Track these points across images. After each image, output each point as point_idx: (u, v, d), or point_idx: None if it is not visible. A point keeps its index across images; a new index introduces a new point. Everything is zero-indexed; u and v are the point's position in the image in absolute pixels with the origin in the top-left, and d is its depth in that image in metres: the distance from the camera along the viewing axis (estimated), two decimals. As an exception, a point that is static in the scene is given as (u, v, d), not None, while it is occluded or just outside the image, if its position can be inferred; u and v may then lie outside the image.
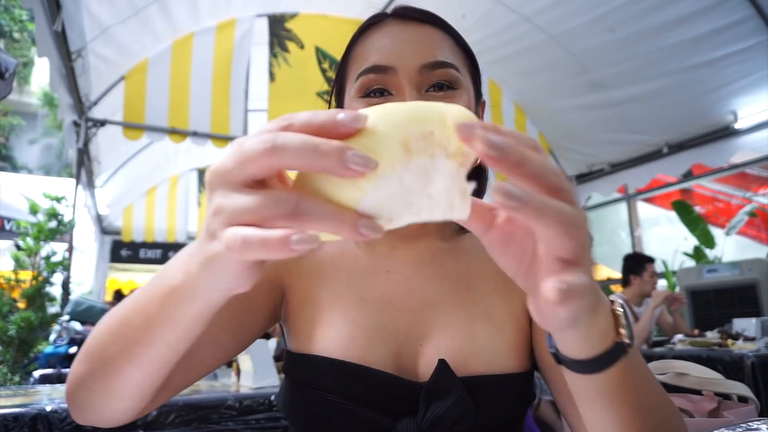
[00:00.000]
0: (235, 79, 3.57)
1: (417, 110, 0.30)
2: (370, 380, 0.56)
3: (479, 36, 3.48)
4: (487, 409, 0.56)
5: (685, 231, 4.79)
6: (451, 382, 0.55)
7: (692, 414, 1.04)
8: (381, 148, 0.28)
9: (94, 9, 2.85)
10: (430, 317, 0.61)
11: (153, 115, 3.39)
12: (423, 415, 0.54)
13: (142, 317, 0.38)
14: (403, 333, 0.60)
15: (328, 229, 0.28)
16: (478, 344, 0.59)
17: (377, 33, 0.63)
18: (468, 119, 0.29)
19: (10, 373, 2.39)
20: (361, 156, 0.27)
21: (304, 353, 0.60)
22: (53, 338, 3.14)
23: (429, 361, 0.58)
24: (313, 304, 0.63)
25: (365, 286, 0.63)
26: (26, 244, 2.73)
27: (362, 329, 0.59)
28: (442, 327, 0.60)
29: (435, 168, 0.29)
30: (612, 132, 3.90)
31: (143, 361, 0.40)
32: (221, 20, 3.53)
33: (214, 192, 0.30)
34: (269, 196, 0.28)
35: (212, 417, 1.33)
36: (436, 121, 0.30)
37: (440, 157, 0.29)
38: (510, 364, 0.59)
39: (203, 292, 0.33)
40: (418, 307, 0.62)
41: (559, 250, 0.30)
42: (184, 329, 0.37)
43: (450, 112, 0.30)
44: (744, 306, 3.16)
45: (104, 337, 0.42)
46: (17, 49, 14.31)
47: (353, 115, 0.28)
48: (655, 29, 3.02)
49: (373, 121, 0.29)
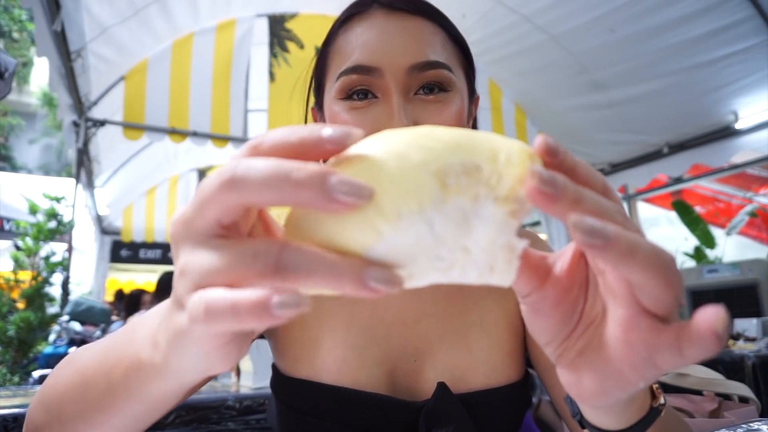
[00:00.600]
0: (235, 79, 3.57)
1: (462, 138, 0.23)
2: (365, 405, 0.53)
3: (479, 36, 3.47)
4: (488, 424, 0.55)
5: (685, 231, 4.79)
6: (451, 406, 0.52)
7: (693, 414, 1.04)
8: (407, 179, 0.21)
9: (94, 9, 2.85)
10: (423, 330, 0.58)
11: (153, 115, 3.38)
12: None
13: (106, 383, 0.33)
14: (397, 350, 0.57)
15: (323, 285, 0.21)
16: (475, 357, 0.57)
17: (361, 25, 0.55)
18: (529, 157, 0.23)
19: (9, 373, 2.38)
20: (351, 183, 0.20)
21: (295, 377, 0.57)
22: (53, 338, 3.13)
23: (425, 379, 0.56)
24: (302, 322, 0.58)
25: (354, 303, 0.59)
26: (26, 245, 2.73)
27: (354, 349, 0.56)
28: (437, 340, 0.58)
29: (477, 214, 0.23)
30: (612, 132, 3.89)
31: (105, 429, 0.34)
32: (221, 20, 3.53)
33: (178, 248, 0.24)
34: (242, 247, 0.22)
35: (212, 417, 1.32)
36: (486, 155, 0.23)
37: (486, 201, 0.23)
38: (508, 374, 0.57)
39: (174, 373, 0.27)
40: (410, 321, 0.59)
41: (653, 302, 0.23)
42: (153, 404, 0.32)
43: (505, 146, 0.24)
44: (745, 306, 3.16)
45: (64, 390, 0.37)
46: (16, 49, 14.31)
47: (344, 131, 0.22)
48: (655, 29, 3.01)
49: (400, 146, 0.23)
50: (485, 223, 0.23)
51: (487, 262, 0.24)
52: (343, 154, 0.24)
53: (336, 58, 0.56)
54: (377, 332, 0.58)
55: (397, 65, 0.52)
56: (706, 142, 3.50)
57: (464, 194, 0.22)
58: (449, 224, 0.22)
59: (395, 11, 0.55)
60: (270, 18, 3.66)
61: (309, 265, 0.21)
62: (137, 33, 3.21)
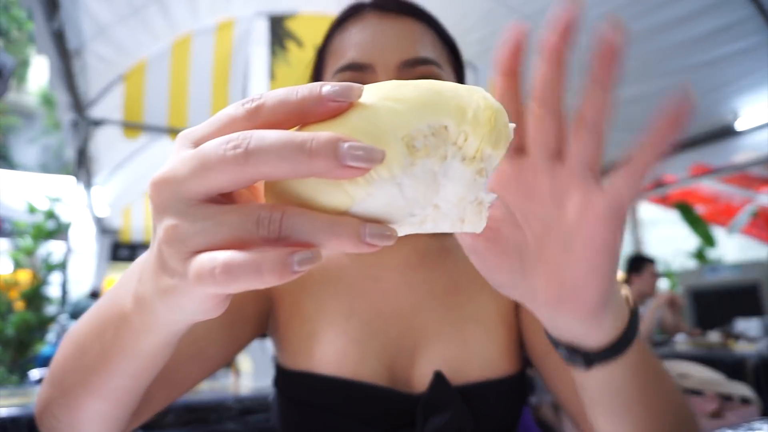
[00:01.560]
0: (234, 78, 3.57)
1: (429, 95, 0.23)
2: (365, 396, 0.55)
3: (480, 35, 3.47)
4: (485, 416, 0.56)
5: (686, 231, 4.79)
6: (448, 395, 0.54)
7: (695, 415, 1.03)
8: (375, 144, 0.22)
9: (93, 8, 2.84)
10: (421, 324, 0.60)
11: (152, 114, 3.39)
12: (422, 429, 0.53)
13: (99, 346, 0.33)
14: (395, 343, 0.59)
15: (324, 246, 0.22)
16: (471, 349, 0.58)
17: (356, 26, 0.60)
18: (496, 109, 0.24)
19: (8, 372, 2.38)
20: (362, 148, 0.21)
21: (296, 370, 0.58)
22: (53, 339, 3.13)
23: (423, 372, 0.57)
24: (302, 316, 0.60)
25: (353, 296, 0.61)
26: (25, 245, 2.72)
27: (353, 342, 0.57)
28: (435, 334, 0.59)
29: (446, 174, 0.24)
30: (612, 132, 3.89)
31: (104, 392, 0.35)
32: (220, 19, 3.53)
33: (165, 210, 0.23)
34: (244, 214, 0.21)
35: (211, 417, 1.32)
36: (453, 112, 0.23)
37: (453, 161, 0.23)
38: (503, 367, 0.59)
39: (163, 325, 0.28)
40: (408, 315, 0.60)
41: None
42: (146, 360, 0.32)
43: (472, 101, 0.24)
44: (746, 306, 3.16)
45: (63, 362, 0.38)
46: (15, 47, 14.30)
47: (344, 87, 0.22)
48: (655, 29, 3.01)
49: (369, 111, 0.22)
50: (454, 182, 0.24)
51: (457, 215, 0.25)
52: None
53: (332, 57, 0.60)
54: (376, 325, 0.59)
55: (388, 62, 0.56)
56: (706, 141, 3.50)
57: (432, 155, 0.23)
58: (419, 185, 0.23)
59: (387, 13, 0.60)
60: (270, 17, 3.66)
61: (311, 228, 0.21)
62: (136, 32, 3.21)
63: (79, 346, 0.36)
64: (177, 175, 0.23)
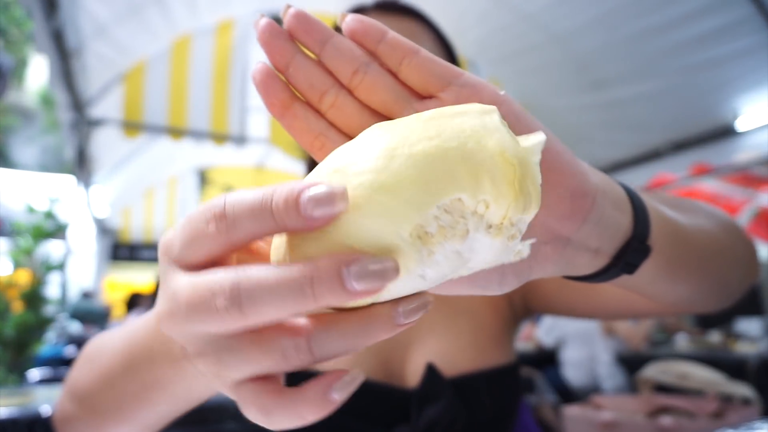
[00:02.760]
0: (234, 78, 3.57)
1: (429, 165, 0.19)
2: (361, 392, 0.55)
3: (479, 34, 3.47)
4: (478, 406, 0.57)
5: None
6: (440, 386, 0.55)
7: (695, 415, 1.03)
8: (383, 253, 0.19)
9: (93, 7, 2.84)
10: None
11: (152, 113, 3.39)
12: (416, 422, 0.54)
13: (139, 385, 0.36)
14: (391, 339, 0.59)
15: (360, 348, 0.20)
16: (463, 341, 0.59)
17: None
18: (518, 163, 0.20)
19: (7, 372, 2.38)
20: (370, 268, 0.18)
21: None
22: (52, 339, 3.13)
23: (418, 366, 0.58)
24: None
25: None
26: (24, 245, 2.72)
27: None
28: (428, 327, 0.60)
29: (471, 249, 0.20)
30: (612, 131, 3.89)
31: (139, 422, 0.38)
32: (220, 19, 3.53)
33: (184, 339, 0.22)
34: (265, 350, 0.20)
35: (211, 417, 1.32)
36: (464, 183, 0.19)
37: (477, 234, 0.20)
38: (495, 357, 0.60)
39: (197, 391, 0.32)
40: None
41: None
42: (193, 402, 0.36)
43: (484, 157, 0.19)
44: (747, 307, 3.16)
45: (89, 386, 0.40)
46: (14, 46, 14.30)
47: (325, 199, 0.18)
48: (655, 28, 3.01)
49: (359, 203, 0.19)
50: (484, 252, 0.21)
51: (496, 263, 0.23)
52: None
53: None
54: None
55: None
56: (707, 141, 3.50)
57: (450, 236, 0.19)
58: (443, 268, 0.20)
59: (388, 12, 0.63)
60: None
61: (343, 341, 0.20)
62: (136, 31, 3.21)
63: (115, 378, 0.38)
64: (178, 317, 0.21)
